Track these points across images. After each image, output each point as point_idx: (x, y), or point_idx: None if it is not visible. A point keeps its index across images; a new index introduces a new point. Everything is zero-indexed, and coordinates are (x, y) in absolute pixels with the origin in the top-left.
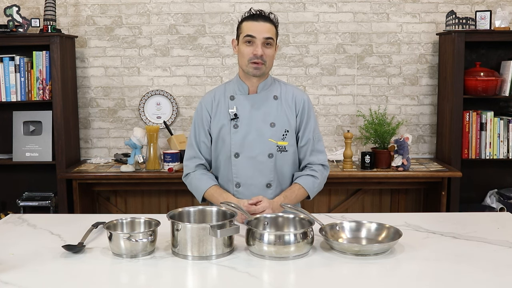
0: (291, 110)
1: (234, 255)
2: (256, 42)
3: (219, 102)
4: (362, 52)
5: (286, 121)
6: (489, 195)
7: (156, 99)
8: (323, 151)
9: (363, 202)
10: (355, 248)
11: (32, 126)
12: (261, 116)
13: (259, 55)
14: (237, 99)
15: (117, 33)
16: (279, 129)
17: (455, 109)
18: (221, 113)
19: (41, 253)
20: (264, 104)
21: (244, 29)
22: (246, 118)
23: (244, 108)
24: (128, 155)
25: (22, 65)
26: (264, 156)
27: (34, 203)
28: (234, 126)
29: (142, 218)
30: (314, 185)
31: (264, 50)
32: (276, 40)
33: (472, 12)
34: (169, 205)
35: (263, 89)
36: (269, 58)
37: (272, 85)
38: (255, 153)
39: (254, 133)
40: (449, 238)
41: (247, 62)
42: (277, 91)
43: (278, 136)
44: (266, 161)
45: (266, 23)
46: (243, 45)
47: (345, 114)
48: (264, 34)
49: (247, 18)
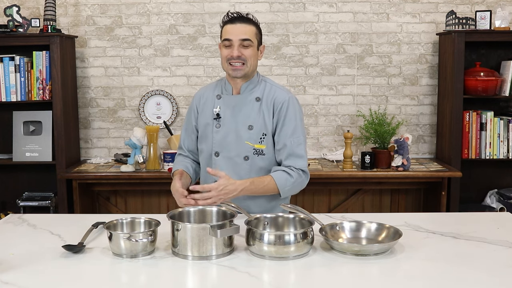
0: (268, 112)
1: (234, 255)
2: (234, 44)
3: (206, 100)
4: (362, 52)
5: (263, 124)
6: (489, 195)
7: (156, 99)
8: (302, 156)
9: (363, 202)
10: (355, 248)
11: (32, 126)
12: (241, 118)
13: (235, 56)
14: (222, 99)
15: (117, 33)
16: (257, 132)
17: (455, 109)
18: (207, 111)
19: (41, 253)
20: (245, 106)
21: (223, 33)
22: (228, 118)
23: (226, 108)
24: (128, 155)
25: (22, 65)
26: (240, 158)
27: (34, 203)
28: (216, 126)
29: (142, 218)
30: (287, 183)
31: (242, 51)
32: (259, 40)
33: (472, 12)
34: (169, 205)
35: (246, 90)
36: (249, 58)
37: (257, 86)
38: (232, 154)
39: (233, 134)
40: (449, 238)
41: (227, 64)
42: (261, 92)
43: (255, 139)
44: (242, 163)
45: (244, 24)
46: (223, 49)
47: (345, 114)
48: (241, 35)
49: (226, 22)
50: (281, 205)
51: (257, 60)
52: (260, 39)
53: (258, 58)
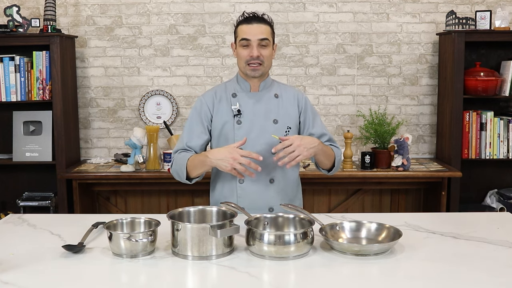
0: (293, 108)
1: (234, 255)
2: (252, 44)
3: (221, 99)
4: (362, 52)
5: (288, 118)
6: (489, 195)
7: (156, 99)
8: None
9: (363, 202)
10: (355, 248)
11: (32, 126)
12: (263, 113)
13: (255, 57)
14: (239, 96)
15: (117, 33)
16: (282, 126)
17: (455, 109)
18: (224, 110)
19: (41, 253)
20: (266, 102)
21: (240, 33)
22: (249, 114)
23: (246, 104)
24: (128, 155)
25: (22, 65)
26: (267, 152)
27: (34, 203)
28: (237, 122)
29: (142, 218)
30: (337, 155)
31: (261, 51)
32: (273, 39)
33: (472, 12)
34: (169, 205)
35: (264, 88)
36: (267, 58)
37: (272, 84)
38: (258, 149)
39: (257, 129)
40: (449, 238)
41: (245, 64)
42: (277, 90)
43: (281, 132)
44: (269, 157)
45: (260, 25)
46: (240, 49)
47: (345, 114)
48: (259, 35)
49: (241, 22)
50: (281, 205)
51: (272, 59)
52: (273, 38)
53: (273, 57)
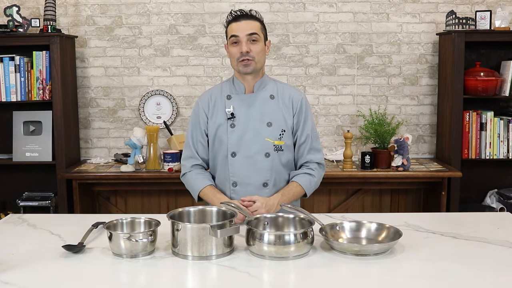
0: (287, 110)
1: (234, 255)
2: (241, 40)
3: (216, 102)
4: (362, 52)
5: (282, 121)
6: (489, 195)
7: (156, 99)
8: (320, 150)
9: (363, 202)
10: (355, 248)
11: (32, 126)
12: (258, 116)
13: (244, 52)
14: (233, 99)
15: (117, 33)
16: (276, 129)
17: (455, 109)
18: (218, 113)
19: (41, 253)
20: (260, 104)
21: (229, 31)
22: (243, 117)
23: (240, 107)
24: (128, 155)
25: (22, 65)
26: (260, 155)
27: (34, 203)
28: (231, 126)
29: (142, 218)
30: (311, 184)
31: (251, 47)
32: (265, 35)
33: (472, 12)
34: (169, 205)
35: (260, 89)
36: (257, 53)
37: (268, 84)
38: (251, 152)
39: (251, 133)
40: (449, 238)
41: (237, 62)
42: (274, 90)
43: (275, 135)
44: (263, 161)
45: (249, 21)
46: (231, 47)
47: (345, 114)
48: (247, 31)
49: (230, 21)
50: (281, 204)
51: (265, 55)
52: (265, 34)
53: (265, 53)
